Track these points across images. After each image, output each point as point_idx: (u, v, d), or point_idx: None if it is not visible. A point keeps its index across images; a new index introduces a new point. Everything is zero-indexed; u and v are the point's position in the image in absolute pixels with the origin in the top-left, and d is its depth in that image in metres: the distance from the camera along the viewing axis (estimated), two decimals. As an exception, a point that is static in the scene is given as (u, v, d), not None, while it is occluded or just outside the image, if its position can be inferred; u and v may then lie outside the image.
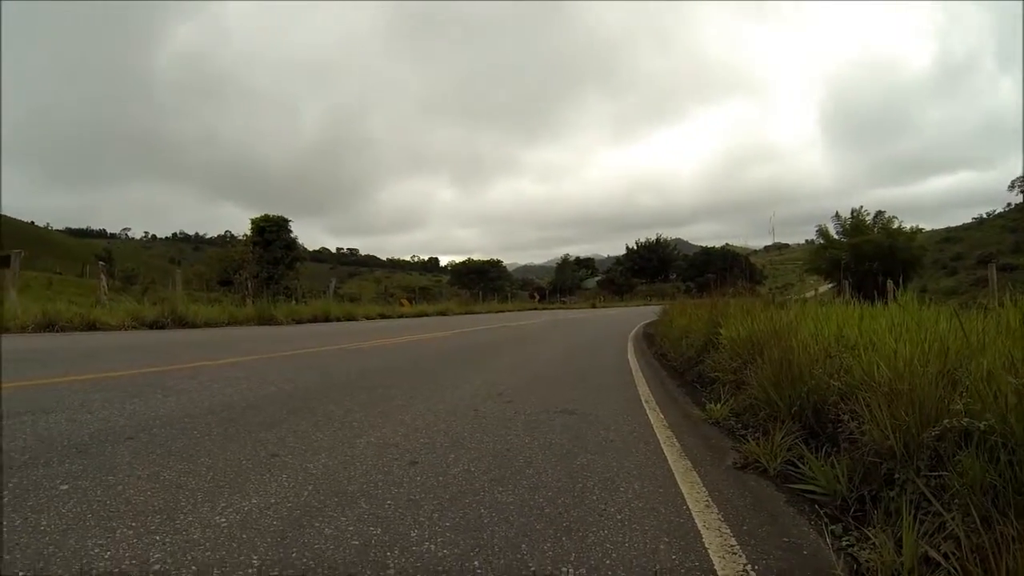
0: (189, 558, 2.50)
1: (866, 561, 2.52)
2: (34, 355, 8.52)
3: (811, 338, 5.16)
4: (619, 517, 3.11)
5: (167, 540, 2.66)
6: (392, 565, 2.51)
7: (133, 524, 2.82)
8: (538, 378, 8.19)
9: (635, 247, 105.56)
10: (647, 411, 5.93)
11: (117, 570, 2.39)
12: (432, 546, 2.70)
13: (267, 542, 2.69)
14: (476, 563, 2.54)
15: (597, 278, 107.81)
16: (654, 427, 5.21)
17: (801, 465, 3.67)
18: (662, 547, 2.76)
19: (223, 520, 2.91)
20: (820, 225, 47.57)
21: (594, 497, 3.40)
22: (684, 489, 3.57)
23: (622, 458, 4.22)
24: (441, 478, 3.66)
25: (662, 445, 4.61)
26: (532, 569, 2.50)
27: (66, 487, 3.26)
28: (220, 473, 3.59)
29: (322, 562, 2.52)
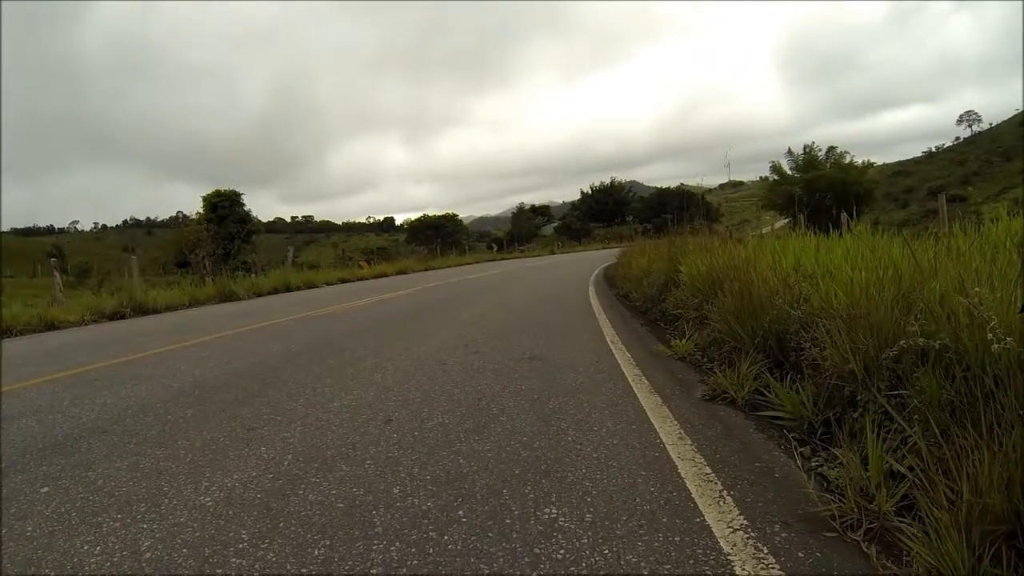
0: (179, 541, 2.52)
1: (835, 479, 2.63)
2: None
3: (770, 270, 5.24)
4: (595, 456, 3.19)
5: (155, 527, 2.68)
6: (379, 523, 2.56)
7: (119, 516, 2.83)
8: (503, 327, 8.24)
9: (590, 191, 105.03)
10: (613, 351, 6.01)
11: (109, 563, 2.41)
12: (416, 500, 2.76)
13: (254, 515, 2.72)
14: (460, 513, 2.60)
15: (554, 224, 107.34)
16: (622, 366, 5.30)
17: (767, 393, 3.79)
18: (639, 481, 2.84)
19: (208, 499, 2.94)
20: (774, 161, 47.65)
21: (569, 438, 3.47)
22: (656, 424, 3.66)
23: (593, 398, 4.30)
24: (417, 433, 3.72)
25: (631, 383, 4.69)
26: (516, 512, 2.57)
27: (47, 489, 3.24)
28: (199, 454, 3.60)
29: (310, 528, 2.56)
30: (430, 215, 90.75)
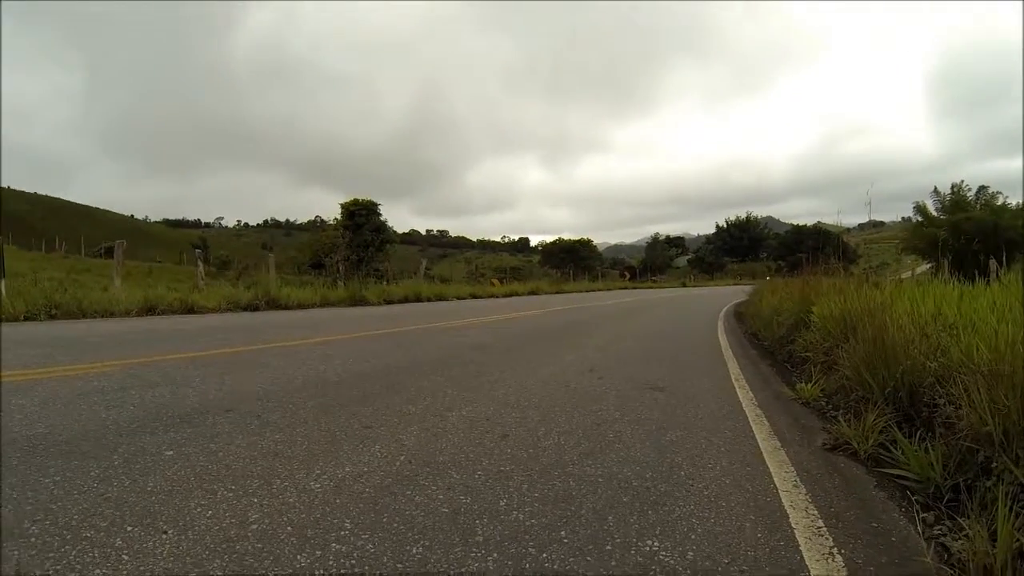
0: (285, 519, 2.64)
1: (958, 552, 2.45)
2: (138, 336, 9.03)
3: (906, 317, 5.00)
4: (706, 493, 3.12)
5: (264, 503, 2.82)
6: (480, 532, 2.59)
7: (233, 487, 2.99)
8: (629, 355, 8.23)
9: (725, 225, 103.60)
10: (737, 389, 5.90)
11: (218, 527, 2.55)
12: (520, 515, 2.77)
13: (359, 507, 2.81)
14: (563, 533, 2.60)
15: (687, 257, 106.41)
16: (743, 405, 5.19)
17: (893, 449, 3.58)
18: (747, 525, 2.76)
19: (318, 486, 3.06)
20: (918, 202, 44.67)
21: (682, 472, 3.42)
22: (772, 468, 3.55)
23: (711, 435, 4.22)
24: (531, 451, 3.74)
25: (751, 423, 4.59)
26: (618, 540, 2.55)
27: (171, 453, 3.49)
28: (315, 443, 3.75)
29: (412, 527, 2.62)
30: (565, 239, 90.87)
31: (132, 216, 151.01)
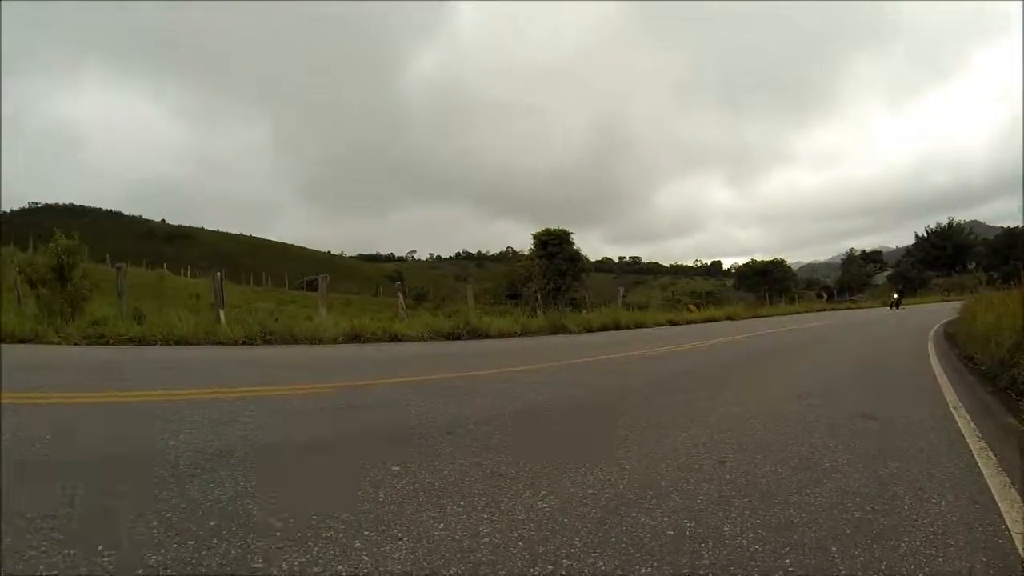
0: (515, 535, 2.85)
1: None
2: (351, 362, 9.90)
3: None
4: (931, 529, 3.07)
5: (494, 519, 3.04)
6: (706, 556, 2.69)
7: (461, 503, 3.25)
8: (836, 381, 8.08)
9: (925, 235, 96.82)
10: (956, 419, 5.64)
11: (451, 538, 2.80)
12: (744, 541, 2.86)
13: (587, 527, 2.98)
14: (788, 561, 2.66)
15: (887, 272, 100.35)
16: (965, 436, 4.97)
17: None
18: (978, 567, 2.69)
19: (544, 505, 3.26)
20: None
21: (905, 506, 3.37)
22: (1003, 507, 3.40)
23: (932, 468, 4.11)
24: (749, 477, 3.81)
25: (976, 457, 4.40)
26: (843, 571, 2.58)
27: (397, 468, 3.80)
28: (536, 465, 3.96)
29: (640, 548, 2.75)
30: (757, 260, 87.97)
31: (328, 252, 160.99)
